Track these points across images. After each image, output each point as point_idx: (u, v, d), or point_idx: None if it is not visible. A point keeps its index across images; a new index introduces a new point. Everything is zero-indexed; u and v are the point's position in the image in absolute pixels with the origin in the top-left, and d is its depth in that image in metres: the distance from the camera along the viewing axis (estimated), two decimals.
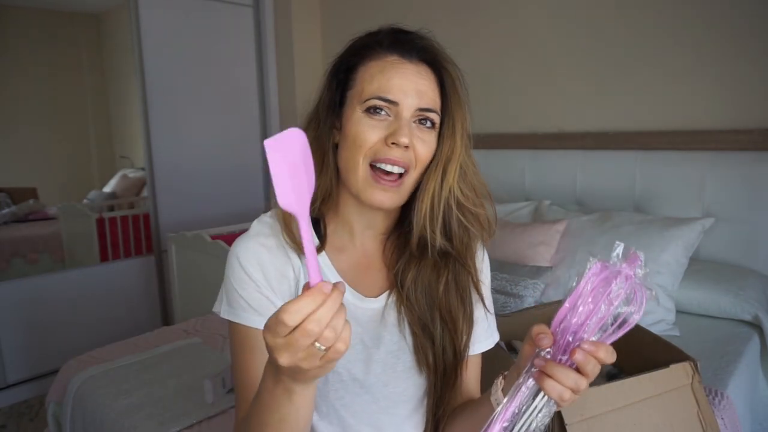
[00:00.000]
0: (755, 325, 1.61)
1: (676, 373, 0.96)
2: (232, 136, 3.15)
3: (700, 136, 1.90)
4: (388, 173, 0.70)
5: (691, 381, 0.97)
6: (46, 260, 2.87)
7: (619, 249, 0.56)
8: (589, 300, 0.55)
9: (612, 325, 0.55)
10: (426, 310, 0.76)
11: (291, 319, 0.47)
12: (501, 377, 0.66)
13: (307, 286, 0.49)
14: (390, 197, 0.71)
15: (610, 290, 0.54)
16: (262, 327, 0.71)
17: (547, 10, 2.27)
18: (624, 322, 0.55)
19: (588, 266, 0.56)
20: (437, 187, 0.72)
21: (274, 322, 0.48)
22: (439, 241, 0.74)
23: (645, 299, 0.54)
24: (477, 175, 0.76)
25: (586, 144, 2.17)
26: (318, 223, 0.78)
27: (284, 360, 0.48)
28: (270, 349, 0.50)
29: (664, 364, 0.96)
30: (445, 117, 0.73)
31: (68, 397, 1.47)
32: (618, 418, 0.90)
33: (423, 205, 0.72)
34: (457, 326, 0.77)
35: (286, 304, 0.48)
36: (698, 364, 0.99)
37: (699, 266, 1.79)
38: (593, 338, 0.56)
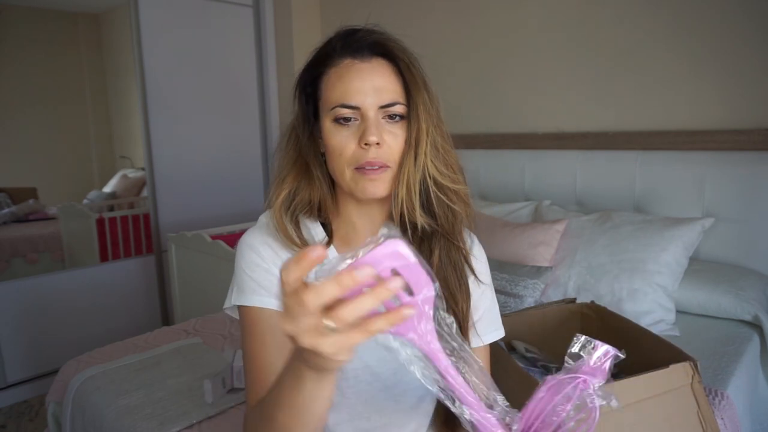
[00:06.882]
0: (755, 325, 1.61)
1: (676, 373, 0.96)
2: (232, 136, 3.15)
3: (700, 136, 1.90)
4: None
5: (691, 381, 0.97)
6: (46, 260, 2.87)
7: (580, 344, 0.54)
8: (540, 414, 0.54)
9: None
10: None
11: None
12: None
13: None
14: (378, 186, 0.73)
15: (561, 405, 0.53)
16: (273, 307, 0.74)
17: (547, 10, 2.27)
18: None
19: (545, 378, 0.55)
20: (411, 168, 0.74)
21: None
22: (422, 219, 0.75)
23: (597, 417, 0.52)
24: (448, 151, 0.77)
25: (586, 144, 2.17)
26: (324, 225, 0.82)
27: (287, 327, 0.45)
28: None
29: (664, 364, 0.96)
30: (410, 102, 0.74)
31: (68, 397, 1.47)
32: (618, 418, 0.90)
33: (401, 188, 0.74)
34: (456, 298, 0.79)
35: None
36: (698, 364, 0.98)
37: (699, 266, 1.79)
38: None
